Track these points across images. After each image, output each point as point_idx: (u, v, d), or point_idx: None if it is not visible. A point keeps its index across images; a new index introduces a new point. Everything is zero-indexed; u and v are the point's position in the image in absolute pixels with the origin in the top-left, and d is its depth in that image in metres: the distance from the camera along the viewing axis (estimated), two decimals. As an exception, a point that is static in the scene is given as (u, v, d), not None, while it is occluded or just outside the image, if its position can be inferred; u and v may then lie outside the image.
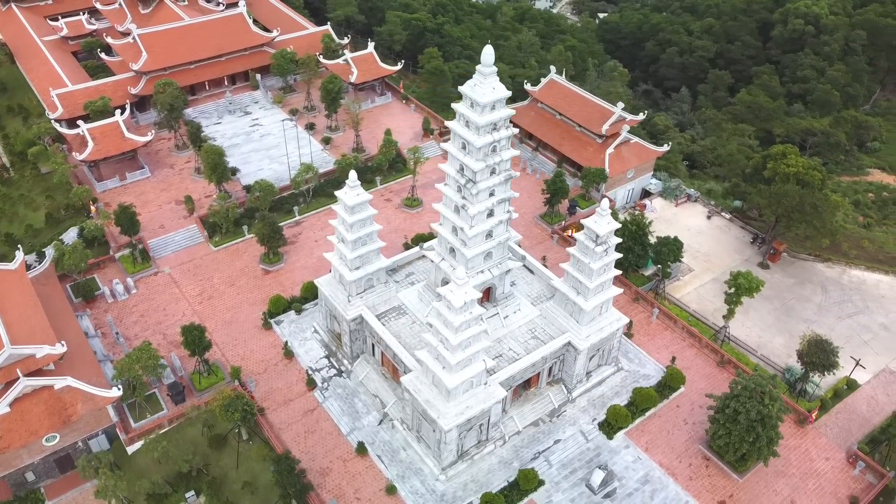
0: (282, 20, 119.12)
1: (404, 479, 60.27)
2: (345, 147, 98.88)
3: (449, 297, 52.66)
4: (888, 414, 68.80)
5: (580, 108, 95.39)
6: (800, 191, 77.74)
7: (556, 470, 61.91)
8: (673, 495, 60.52)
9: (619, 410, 64.80)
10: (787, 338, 76.99)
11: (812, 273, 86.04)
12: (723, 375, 70.69)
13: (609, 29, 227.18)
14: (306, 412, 65.63)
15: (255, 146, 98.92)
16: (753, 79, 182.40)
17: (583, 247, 61.39)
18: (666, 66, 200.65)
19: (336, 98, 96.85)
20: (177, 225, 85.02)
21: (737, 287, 69.82)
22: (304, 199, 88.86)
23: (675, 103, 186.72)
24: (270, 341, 72.19)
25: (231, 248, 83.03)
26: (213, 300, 76.51)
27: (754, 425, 57.87)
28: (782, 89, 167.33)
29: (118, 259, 79.98)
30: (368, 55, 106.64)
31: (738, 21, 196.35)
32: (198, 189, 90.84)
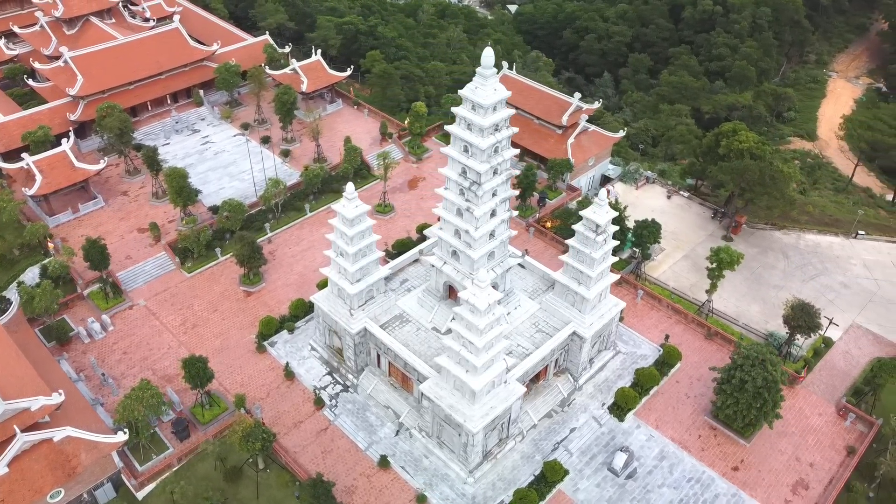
0: (216, 33, 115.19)
1: (432, 486, 60.05)
2: (305, 158, 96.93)
3: (472, 301, 52.76)
4: (864, 366, 73.68)
5: (537, 102, 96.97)
6: (759, 164, 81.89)
7: (576, 458, 63.15)
8: (689, 467, 62.88)
9: (627, 392, 66.69)
10: (762, 305, 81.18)
11: (771, 241, 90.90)
12: (712, 348, 73.82)
13: (525, 20, 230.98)
14: (319, 432, 64.28)
15: (210, 165, 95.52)
16: (671, 60, 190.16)
17: (582, 237, 62.68)
18: (586, 52, 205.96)
19: (291, 109, 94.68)
20: (144, 254, 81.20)
21: (719, 261, 73.05)
22: (273, 215, 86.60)
23: (598, 89, 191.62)
24: (267, 364, 70.21)
25: (206, 273, 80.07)
26: (198, 328, 73.63)
27: (761, 391, 60.78)
28: (700, 68, 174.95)
29: (87, 296, 75.74)
30: (316, 63, 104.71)
31: (651, 5, 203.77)
32: (159, 215, 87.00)
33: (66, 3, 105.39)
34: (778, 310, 79.93)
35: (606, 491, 60.96)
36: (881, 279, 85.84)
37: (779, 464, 63.62)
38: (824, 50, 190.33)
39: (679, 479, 61.94)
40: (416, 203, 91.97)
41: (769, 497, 60.93)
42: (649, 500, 60.27)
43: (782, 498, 60.95)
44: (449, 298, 66.16)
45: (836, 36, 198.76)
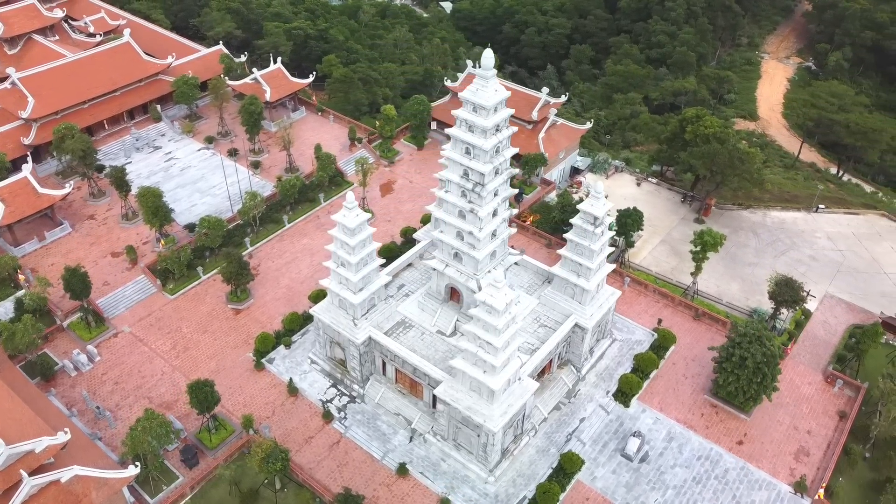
0: (165, 45, 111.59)
1: (454, 489, 60.12)
2: (276, 169, 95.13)
3: (490, 301, 53.01)
4: (842, 333, 77.35)
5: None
6: (728, 147, 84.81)
7: (589, 447, 64.28)
8: (697, 446, 64.85)
9: (631, 379, 68.23)
10: (741, 283, 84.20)
11: (740, 221, 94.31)
12: (702, 328, 76.19)
13: (463, 17, 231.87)
14: (332, 446, 63.46)
15: (178, 182, 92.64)
16: (611, 49, 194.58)
17: (580, 231, 63.66)
18: (528, 46, 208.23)
19: (258, 120, 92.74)
20: (122, 279, 78.26)
21: (703, 244, 75.37)
22: (252, 229, 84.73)
23: (543, 81, 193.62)
24: (268, 382, 68.80)
25: (190, 294, 77.78)
26: (190, 351, 71.50)
27: (760, 366, 63.19)
28: (642, 56, 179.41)
29: (67, 327, 72.58)
30: (277, 71, 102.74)
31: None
32: (131, 237, 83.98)
33: (7, 22, 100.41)
34: (756, 286, 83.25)
35: (623, 476, 62.30)
36: (845, 250, 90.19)
37: (779, 434, 66.26)
38: (755, 32, 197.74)
39: (689, 458, 63.82)
40: (395, 207, 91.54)
41: (775, 467, 63.43)
42: (664, 481, 61.91)
43: (787, 466, 63.55)
44: (451, 301, 66.23)
45: (764, 18, 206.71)
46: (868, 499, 61.68)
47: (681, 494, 61.08)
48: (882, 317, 77.64)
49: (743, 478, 62.57)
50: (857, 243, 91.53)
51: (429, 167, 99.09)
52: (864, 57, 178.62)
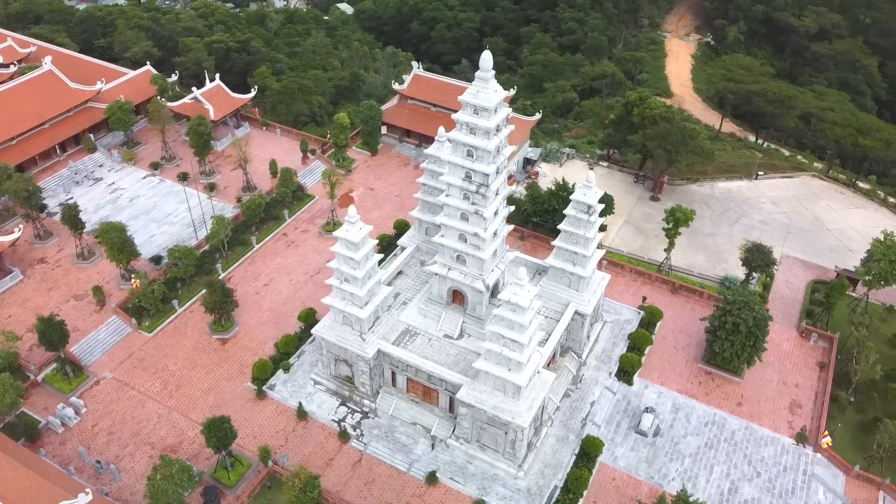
0: (86, 71, 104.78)
1: (486, 489, 60.43)
2: (231, 189, 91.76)
3: (515, 300, 53.59)
4: (804, 290, 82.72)
5: (455, 96, 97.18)
6: (679, 126, 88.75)
7: (604, 429, 66.11)
8: (702, 413, 67.95)
9: (631, 358, 70.59)
10: (705, 253, 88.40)
11: (691, 194, 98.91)
12: (681, 300, 79.65)
13: (368, 17, 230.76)
14: (354, 465, 62.34)
15: (129, 213, 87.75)
16: (522, 39, 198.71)
17: (574, 220, 65.11)
18: (439, 42, 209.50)
19: (208, 140, 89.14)
20: (92, 322, 73.59)
21: (675, 220, 78.66)
22: (220, 254, 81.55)
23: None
24: (274, 409, 66.68)
25: (169, 329, 74.13)
26: (183, 389, 68.24)
27: (752, 330, 66.85)
28: (554, 44, 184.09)
29: (42, 381, 67.69)
30: (217, 88, 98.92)
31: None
32: (91, 277, 79.06)
33: None
34: (719, 255, 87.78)
35: (641, 452, 64.51)
36: (789, 212, 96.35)
37: (771, 391, 70.36)
38: (654, 13, 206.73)
39: (697, 426, 66.81)
40: (362, 215, 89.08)
41: (774, 422, 67.39)
42: (680, 451, 64.59)
43: (784, 420, 67.63)
44: (453, 303, 66.22)
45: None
46: (860, 439, 66.54)
47: (697, 461, 63.90)
48: (837, 270, 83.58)
49: (749, 437, 66.14)
50: (799, 205, 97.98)
51: (387, 172, 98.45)
52: (757, 29, 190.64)
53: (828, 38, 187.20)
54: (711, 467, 63.50)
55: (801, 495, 61.69)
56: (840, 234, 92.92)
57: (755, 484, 62.36)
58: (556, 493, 60.26)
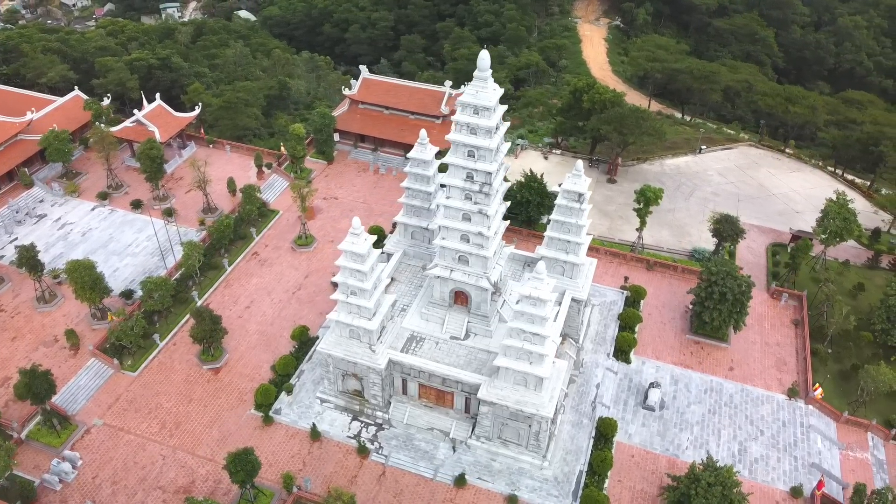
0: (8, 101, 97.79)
1: (515, 484, 60.93)
2: (189, 212, 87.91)
3: (536, 294, 54.17)
4: (764, 254, 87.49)
5: (409, 97, 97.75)
6: (633, 109, 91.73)
7: (613, 409, 67.90)
8: (699, 382, 70.86)
9: (627, 337, 72.72)
10: (669, 228, 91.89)
11: (644, 174, 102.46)
12: (657, 277, 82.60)
13: (276, 23, 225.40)
14: (379, 478, 61.44)
15: (85, 248, 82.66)
16: (439, 35, 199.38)
17: (565, 209, 66.21)
18: (354, 43, 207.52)
19: (161, 164, 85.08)
20: (69, 369, 68.98)
21: (646, 200, 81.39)
22: (194, 281, 78.17)
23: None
24: (284, 434, 64.72)
25: (154, 365, 70.53)
26: (183, 426, 65.15)
27: (738, 297, 70.24)
28: (472, 37, 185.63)
29: (27, 438, 63.03)
30: (159, 108, 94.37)
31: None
32: (56, 321, 74.15)
33: None
34: (682, 228, 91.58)
35: (652, 427, 66.69)
36: (736, 181, 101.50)
37: (757, 352, 74.17)
38: (564, 0, 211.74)
39: (698, 395, 69.66)
40: (331, 226, 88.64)
41: (766, 381, 71.13)
42: (687, 421, 67.18)
43: (774, 378, 71.49)
44: (456, 304, 66.12)
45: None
46: (842, 387, 71.03)
47: (705, 428, 66.67)
48: (792, 232, 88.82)
49: (746, 398, 69.54)
50: (743, 174, 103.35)
51: (347, 180, 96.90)
52: (662, 9, 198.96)
53: (727, 13, 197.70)
54: (719, 432, 66.40)
55: (803, 446, 65.47)
56: (784, 197, 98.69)
57: (761, 442, 65.70)
58: (582, 477, 61.46)
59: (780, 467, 63.74)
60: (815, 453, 65.00)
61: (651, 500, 60.55)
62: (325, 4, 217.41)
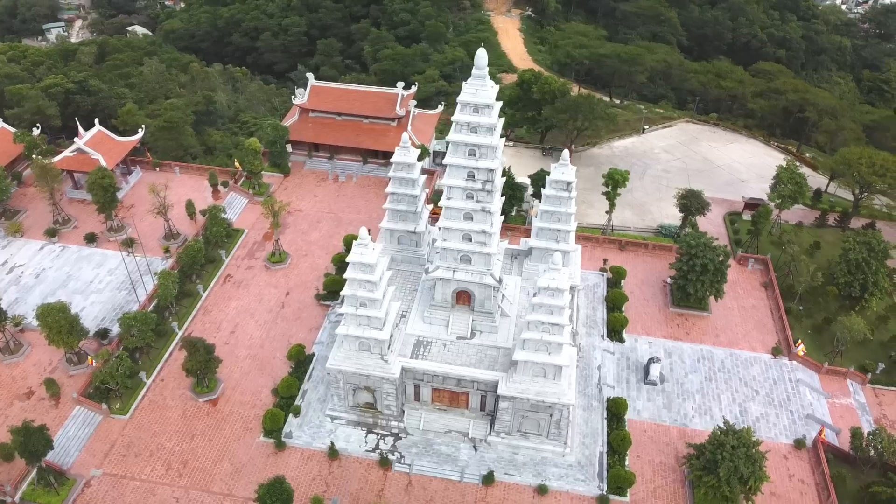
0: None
1: (541, 473, 61.61)
2: (150, 241, 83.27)
3: (554, 284, 54.87)
4: (722, 223, 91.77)
5: (362, 102, 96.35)
6: (585, 96, 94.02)
7: (618, 388, 69.66)
8: (691, 352, 73.75)
9: (619, 317, 74.70)
10: (631, 208, 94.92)
11: (596, 158, 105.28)
12: (631, 256, 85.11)
13: (179, 37, 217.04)
14: (406, 488, 60.70)
15: (42, 291, 77.07)
16: (354, 37, 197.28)
17: (553, 199, 67.28)
18: (267, 51, 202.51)
19: (114, 193, 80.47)
20: (54, 420, 64.12)
21: (614, 183, 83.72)
22: (170, 312, 74.43)
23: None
24: (299, 457, 62.79)
25: (146, 405, 66.77)
26: (191, 464, 62.07)
27: (719, 267, 73.48)
28: (391, 37, 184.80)
29: (22, 500, 58.36)
30: (100, 135, 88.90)
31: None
32: (26, 371, 68.94)
33: None
34: (643, 207, 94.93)
35: (656, 401, 68.90)
36: (682, 157, 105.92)
37: (736, 317, 77.84)
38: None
39: (693, 364, 72.46)
40: (301, 239, 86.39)
41: (750, 343, 74.80)
42: (688, 390, 69.80)
43: (757, 339, 75.28)
44: (458, 304, 65.92)
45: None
46: (817, 340, 75.45)
47: (706, 395, 69.45)
48: (745, 200, 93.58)
49: (736, 362, 72.90)
50: (686, 149, 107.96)
51: (307, 191, 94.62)
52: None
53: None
54: (719, 397, 69.34)
55: (796, 400, 69.34)
56: (728, 168, 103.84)
57: (758, 401, 69.10)
58: (604, 458, 62.80)
59: (779, 423, 67.27)
60: (806, 405, 68.96)
61: (672, 471, 62.63)
62: (232, 14, 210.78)
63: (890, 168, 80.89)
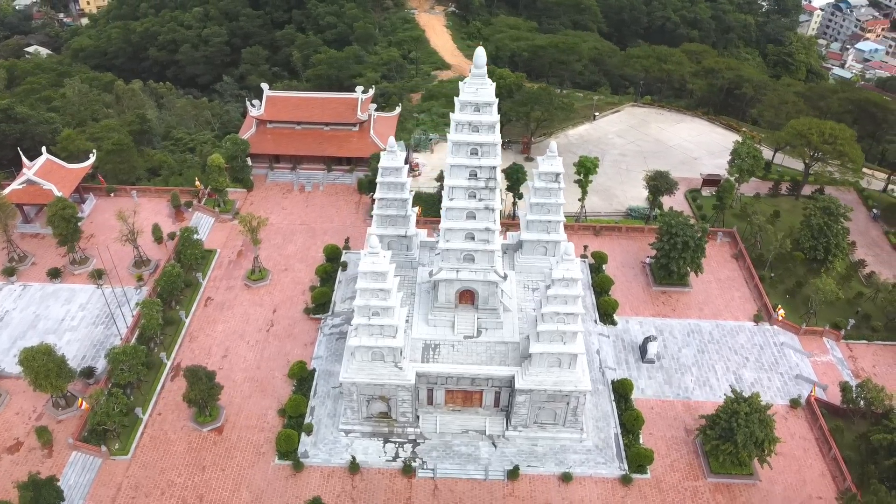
0: None
1: (563, 461, 62.50)
2: (119, 271, 78.72)
3: (568, 274, 55.76)
4: (682, 201, 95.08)
5: (322, 109, 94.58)
6: (544, 89, 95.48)
7: (619, 370, 71.34)
8: (680, 327, 76.35)
9: (609, 300, 76.43)
10: (597, 194, 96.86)
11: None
12: (607, 240, 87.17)
13: (90, 55, 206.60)
14: (433, 493, 60.40)
15: (11, 333, 72.09)
16: (278, 43, 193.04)
17: (543, 191, 68.21)
18: (189, 64, 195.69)
19: (76, 224, 76.21)
20: (50, 470, 59.66)
21: (585, 170, 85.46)
22: (155, 342, 71.18)
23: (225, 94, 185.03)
24: (319, 475, 61.43)
25: (146, 442, 63.66)
26: (207, 497, 59.65)
27: (699, 243, 76.29)
28: (318, 41, 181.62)
29: (31, 559, 54.69)
30: (48, 164, 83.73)
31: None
32: (8, 421, 64.55)
33: None
34: (609, 191, 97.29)
35: (657, 377, 71.02)
36: (635, 140, 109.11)
37: (715, 290, 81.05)
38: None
39: (685, 339, 75.03)
40: (278, 253, 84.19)
41: (732, 313, 78.10)
42: (684, 364, 72.25)
43: (737, 308, 78.67)
44: (461, 304, 65.88)
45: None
46: (791, 303, 79.40)
47: (702, 367, 72.07)
48: (703, 176, 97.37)
49: (723, 332, 75.93)
50: (637, 132, 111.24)
51: (275, 204, 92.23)
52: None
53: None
54: (714, 367, 72.06)
55: (783, 362, 72.88)
56: (680, 147, 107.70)
57: (750, 367, 72.24)
58: (619, 439, 64.24)
59: (772, 385, 70.55)
60: (793, 366, 72.59)
61: (683, 444, 64.73)
62: (146, 27, 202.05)
63: (838, 136, 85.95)
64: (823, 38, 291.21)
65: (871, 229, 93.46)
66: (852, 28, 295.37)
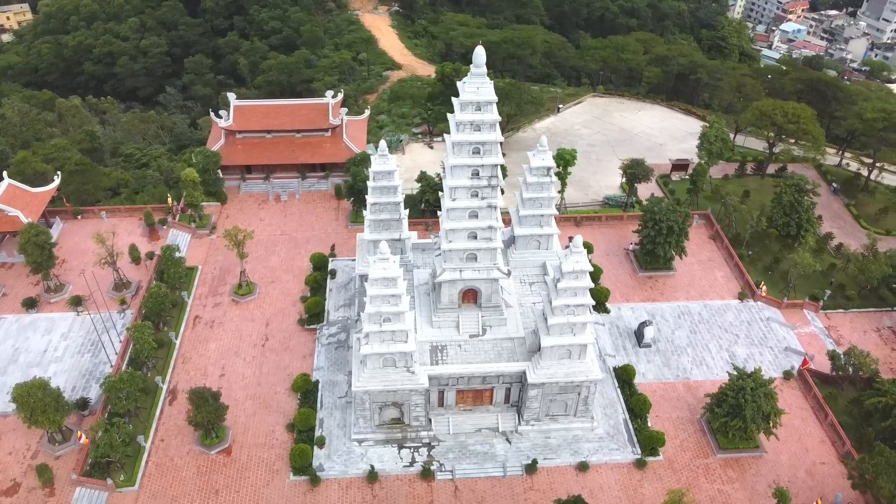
0: None
1: (578, 451, 63.28)
2: (98, 296, 76.00)
3: (579, 267, 56.32)
4: (654, 186, 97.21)
5: (292, 116, 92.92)
6: (512, 84, 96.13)
7: (619, 356, 72.60)
8: (670, 310, 78.19)
9: (602, 289, 77.55)
10: (571, 185, 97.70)
11: (523, 141, 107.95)
12: (588, 230, 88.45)
13: (19, 72, 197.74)
14: (455, 494, 60.29)
15: (-11, 370, 68.67)
16: (222, 51, 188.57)
17: (535, 186, 68.53)
18: (129, 77, 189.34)
19: (50, 251, 72.92)
20: (55, 508, 57.79)
21: (564, 162, 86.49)
22: (147, 367, 68.78)
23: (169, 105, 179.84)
24: (337, 487, 60.51)
25: (152, 470, 61.43)
26: (224, 520, 58.19)
27: (683, 227, 78.23)
28: (265, 47, 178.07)
29: None
30: (10, 188, 79.50)
31: (165, 8, 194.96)
32: (3, 461, 61.21)
33: None
34: (583, 181, 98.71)
35: (655, 361, 72.59)
36: (601, 130, 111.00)
37: (698, 271, 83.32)
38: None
39: (677, 321, 76.87)
40: (262, 265, 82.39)
41: (718, 292, 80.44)
42: (678, 345, 74.07)
43: (722, 286, 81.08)
44: (464, 304, 65.82)
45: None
46: (771, 278, 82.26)
47: (696, 347, 74.00)
48: (672, 161, 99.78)
49: (712, 312, 78.16)
50: (602, 122, 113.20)
51: (252, 215, 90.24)
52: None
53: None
54: (707, 346, 74.09)
55: (771, 336, 75.51)
56: (644, 135, 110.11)
57: (741, 343, 74.56)
58: (629, 424, 65.41)
59: (765, 359, 72.96)
60: (781, 339, 75.28)
61: (689, 423, 66.37)
62: (79, 41, 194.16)
63: (801, 115, 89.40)
64: (749, 21, 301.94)
65: (832, 203, 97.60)
66: (774, 10, 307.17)
